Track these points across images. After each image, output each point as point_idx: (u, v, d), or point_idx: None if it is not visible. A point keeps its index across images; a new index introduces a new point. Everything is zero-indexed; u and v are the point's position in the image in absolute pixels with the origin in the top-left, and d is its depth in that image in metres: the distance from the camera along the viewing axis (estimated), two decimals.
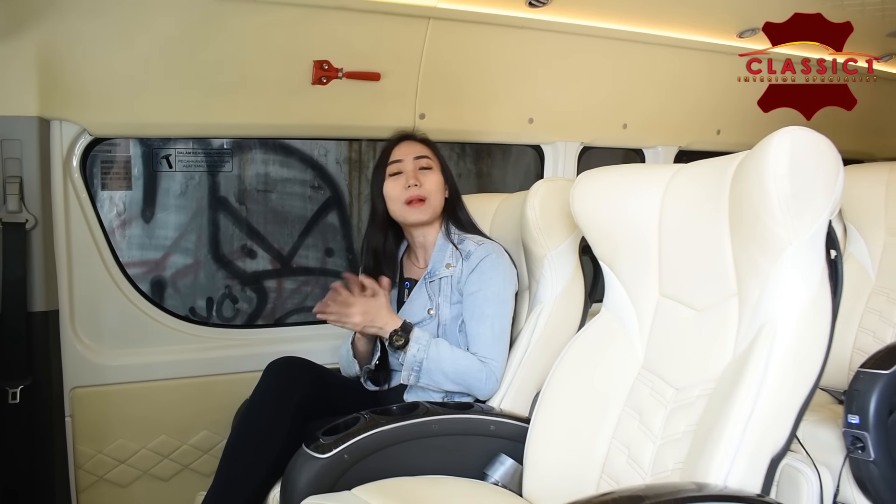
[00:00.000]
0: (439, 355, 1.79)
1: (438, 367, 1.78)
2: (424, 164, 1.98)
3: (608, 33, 2.50)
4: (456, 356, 1.81)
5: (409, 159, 1.97)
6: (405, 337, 1.80)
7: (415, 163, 1.97)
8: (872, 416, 1.63)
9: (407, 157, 1.97)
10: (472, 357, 1.82)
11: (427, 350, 1.79)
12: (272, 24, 2.12)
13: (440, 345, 1.81)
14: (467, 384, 1.80)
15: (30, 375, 2.01)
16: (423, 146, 2.02)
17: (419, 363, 1.78)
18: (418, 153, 1.99)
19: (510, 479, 1.63)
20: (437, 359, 1.79)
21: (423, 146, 2.02)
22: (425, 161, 1.98)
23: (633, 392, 1.47)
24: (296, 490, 1.50)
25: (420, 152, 1.99)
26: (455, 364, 1.79)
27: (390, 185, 1.97)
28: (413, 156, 1.98)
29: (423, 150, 2.01)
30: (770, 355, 1.15)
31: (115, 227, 2.77)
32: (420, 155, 1.98)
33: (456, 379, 1.79)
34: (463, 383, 1.80)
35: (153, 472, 2.28)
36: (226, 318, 3.03)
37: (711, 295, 1.36)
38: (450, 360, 1.79)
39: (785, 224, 1.16)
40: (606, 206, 1.57)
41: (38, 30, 1.91)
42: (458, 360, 1.80)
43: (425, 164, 1.98)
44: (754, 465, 1.15)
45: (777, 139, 1.16)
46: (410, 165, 1.97)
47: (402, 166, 1.97)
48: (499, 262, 1.89)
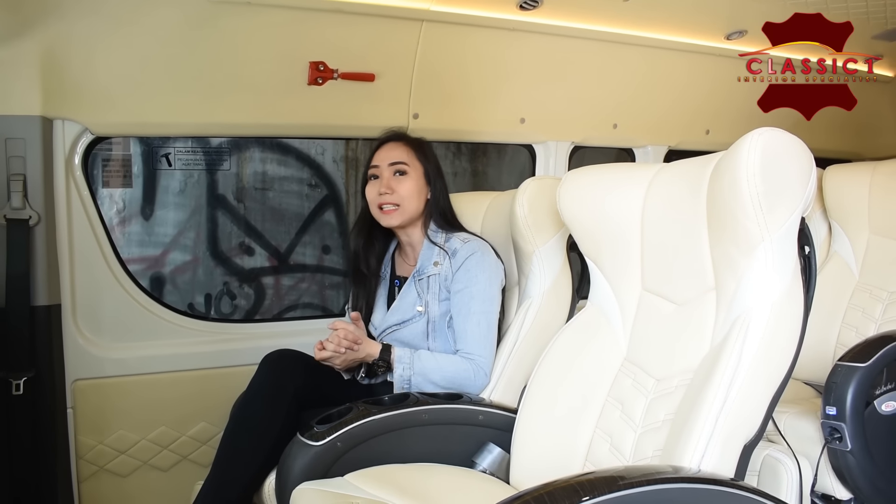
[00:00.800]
0: (424, 368, 1.86)
1: (426, 379, 1.85)
2: (399, 169, 2.00)
3: (598, 35, 2.53)
4: (441, 364, 1.86)
5: (384, 165, 2.01)
6: (387, 363, 1.88)
7: (390, 168, 2.00)
8: (849, 408, 1.67)
9: (383, 164, 2.01)
10: (456, 359, 1.87)
11: (412, 366, 1.86)
12: (269, 26, 2.16)
13: (423, 358, 1.87)
14: (459, 385, 1.85)
15: (33, 368, 2.03)
16: (404, 150, 2.03)
17: (408, 381, 1.85)
18: (394, 159, 2.01)
19: (497, 467, 1.67)
20: (423, 371, 1.85)
21: (402, 150, 2.03)
22: (401, 167, 2.00)
23: (616, 383, 1.51)
24: (290, 476, 1.55)
25: (397, 158, 2.01)
26: (441, 372, 1.86)
27: (369, 188, 2.03)
28: (388, 161, 2.01)
29: (402, 154, 2.02)
30: (743, 347, 1.18)
31: (116, 223, 2.81)
32: (395, 161, 2.01)
33: (446, 384, 1.85)
34: (454, 385, 1.85)
35: (152, 463, 2.31)
36: (224, 314, 3.06)
37: (690, 289, 1.39)
38: (436, 369, 1.86)
39: (758, 221, 1.19)
40: (591, 203, 1.60)
41: (41, 32, 1.95)
42: (443, 367, 1.86)
43: (400, 169, 2.00)
44: (727, 452, 1.19)
45: (750, 140, 1.19)
46: (386, 172, 2.00)
47: (379, 171, 2.01)
48: (484, 260, 1.93)
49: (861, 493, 1.72)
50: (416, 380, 1.85)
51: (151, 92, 2.15)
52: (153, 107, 2.18)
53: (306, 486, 1.52)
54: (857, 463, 1.68)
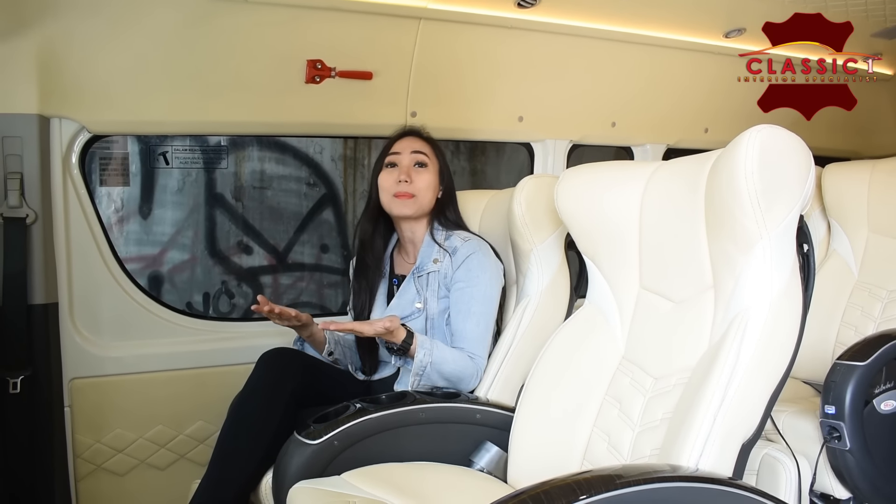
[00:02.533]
0: (443, 357, 1.83)
1: (439, 370, 1.82)
2: (420, 160, 2.01)
3: (596, 33, 2.53)
4: (455, 357, 1.85)
5: (406, 153, 2.01)
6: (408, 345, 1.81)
7: (411, 157, 2.01)
8: (848, 407, 1.67)
9: (405, 151, 2.02)
10: (464, 355, 1.86)
11: (432, 354, 1.82)
12: (266, 24, 2.15)
13: (440, 347, 1.85)
14: (460, 382, 1.85)
15: (30, 366, 2.03)
16: (425, 143, 2.06)
17: (424, 367, 1.81)
18: (417, 148, 2.02)
19: (495, 466, 1.67)
20: (440, 361, 1.82)
21: (424, 143, 2.06)
22: (421, 157, 2.01)
23: (614, 381, 1.50)
24: (287, 475, 1.54)
25: (419, 147, 2.03)
26: (455, 364, 1.84)
27: (384, 175, 2.02)
28: (411, 150, 2.02)
29: (423, 146, 2.04)
30: (741, 345, 1.18)
31: (114, 222, 2.80)
32: (418, 150, 2.02)
33: (451, 378, 1.84)
34: (456, 381, 1.84)
35: (150, 462, 2.30)
36: (222, 313, 3.06)
37: (689, 288, 1.39)
38: (450, 360, 1.83)
39: (756, 218, 1.19)
40: (589, 201, 1.60)
41: (38, 30, 1.94)
42: (456, 360, 1.84)
43: (421, 159, 2.01)
44: (725, 451, 1.18)
45: (747, 137, 1.18)
46: (407, 160, 2.00)
47: (399, 159, 2.01)
48: (486, 260, 1.93)
49: (860, 492, 1.71)
50: (429, 370, 1.81)
51: (149, 90, 2.15)
52: (150, 105, 2.17)
53: (303, 485, 1.51)
54: (856, 462, 1.68)
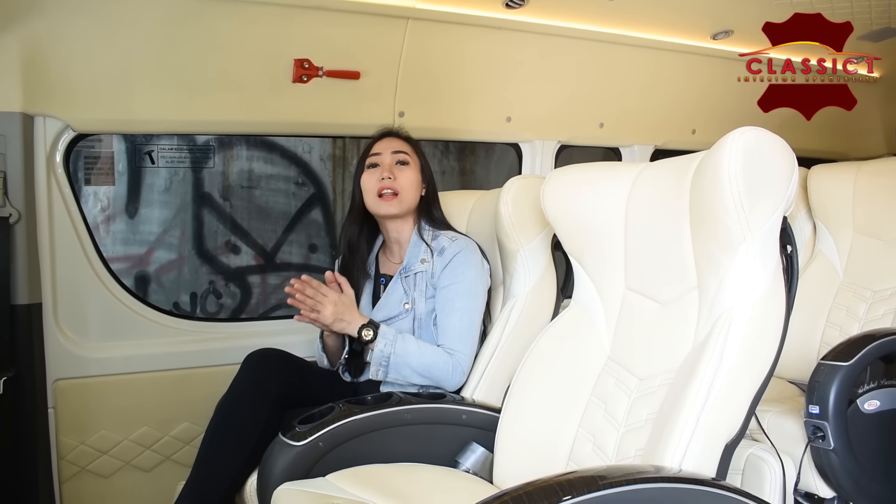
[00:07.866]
0: (406, 349, 1.83)
1: (405, 361, 1.82)
2: (401, 159, 2.02)
3: (584, 34, 2.53)
4: (422, 349, 1.85)
5: (387, 153, 2.02)
6: (374, 331, 1.84)
7: (392, 157, 2.02)
8: (832, 407, 1.68)
9: (385, 151, 2.03)
10: (439, 350, 1.86)
11: (394, 345, 1.83)
12: (253, 22, 2.14)
13: (406, 339, 1.85)
14: (434, 377, 1.84)
15: (13, 367, 2.01)
16: (404, 143, 2.07)
17: (387, 358, 1.82)
18: (397, 148, 2.04)
19: (481, 467, 1.67)
20: (404, 353, 1.83)
21: (403, 143, 2.07)
22: (402, 156, 2.03)
23: (600, 382, 1.51)
24: (272, 477, 1.54)
25: (399, 147, 2.04)
26: (421, 357, 1.84)
27: (366, 176, 2.02)
28: (391, 150, 2.03)
29: (403, 146, 2.06)
30: (725, 346, 1.18)
31: (100, 221, 2.79)
32: (398, 150, 2.03)
33: (423, 372, 1.83)
34: (430, 376, 1.84)
35: (135, 463, 2.29)
36: (209, 314, 3.04)
37: (673, 289, 1.39)
38: (416, 353, 1.84)
39: (739, 219, 1.19)
40: (575, 202, 1.60)
41: (22, 27, 1.93)
42: (424, 353, 1.84)
43: (402, 158, 2.02)
44: (708, 451, 1.19)
45: (731, 138, 1.19)
46: (388, 159, 2.01)
47: (380, 159, 2.02)
48: (471, 258, 1.93)
49: (844, 491, 1.72)
50: (394, 359, 1.82)
51: (134, 88, 2.14)
52: (136, 104, 2.16)
53: (288, 487, 1.51)
54: (840, 461, 1.69)
